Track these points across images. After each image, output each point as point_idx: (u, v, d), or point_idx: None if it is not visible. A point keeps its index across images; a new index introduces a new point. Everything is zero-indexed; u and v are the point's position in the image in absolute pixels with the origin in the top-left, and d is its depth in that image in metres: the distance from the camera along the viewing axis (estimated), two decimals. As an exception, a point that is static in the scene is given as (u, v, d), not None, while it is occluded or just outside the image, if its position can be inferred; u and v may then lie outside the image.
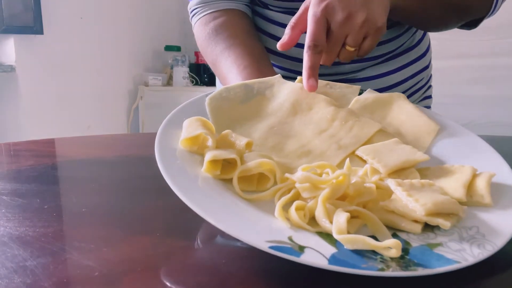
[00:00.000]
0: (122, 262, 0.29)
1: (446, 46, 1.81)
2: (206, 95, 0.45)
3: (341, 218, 0.29)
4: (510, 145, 0.74)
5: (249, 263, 0.30)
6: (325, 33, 0.50)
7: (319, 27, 0.49)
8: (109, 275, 0.27)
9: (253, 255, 0.30)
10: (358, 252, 0.28)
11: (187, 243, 0.33)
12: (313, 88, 0.47)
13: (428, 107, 0.84)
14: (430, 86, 0.84)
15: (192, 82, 2.97)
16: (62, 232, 0.35)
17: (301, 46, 0.70)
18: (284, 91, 0.47)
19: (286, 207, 0.32)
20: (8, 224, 0.36)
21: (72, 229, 0.36)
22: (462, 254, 0.28)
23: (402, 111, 0.47)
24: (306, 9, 0.51)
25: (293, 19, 0.52)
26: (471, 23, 0.66)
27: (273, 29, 0.71)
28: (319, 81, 0.50)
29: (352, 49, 0.51)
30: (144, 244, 0.32)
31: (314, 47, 0.49)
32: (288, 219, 0.31)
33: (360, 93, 0.50)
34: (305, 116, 0.45)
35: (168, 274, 0.28)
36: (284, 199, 0.32)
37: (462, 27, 0.67)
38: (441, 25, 0.65)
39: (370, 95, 0.49)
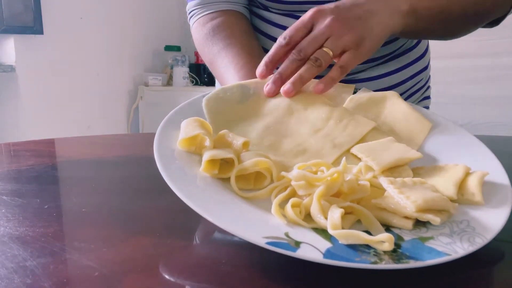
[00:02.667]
0: (122, 262, 0.29)
1: (446, 46, 1.80)
2: (203, 96, 0.46)
3: (335, 214, 0.30)
4: (510, 145, 0.75)
5: (249, 262, 0.30)
6: (303, 33, 0.49)
7: (298, 26, 0.48)
8: (109, 275, 0.27)
9: (252, 255, 0.30)
10: (352, 247, 0.29)
11: (187, 243, 0.33)
12: (262, 76, 0.48)
13: (427, 107, 0.85)
14: (429, 87, 0.84)
15: (192, 82, 2.97)
16: (62, 232, 0.35)
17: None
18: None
19: (282, 204, 0.33)
20: (8, 224, 0.36)
21: (72, 229, 0.36)
22: (453, 247, 0.29)
23: (395, 109, 0.48)
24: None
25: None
26: (492, 22, 0.64)
27: (272, 30, 0.71)
28: (314, 81, 0.50)
29: (330, 52, 0.48)
30: (144, 244, 0.32)
31: (283, 39, 0.48)
32: (284, 216, 0.31)
33: (354, 92, 0.51)
34: (301, 115, 0.45)
35: (168, 274, 0.28)
36: (280, 196, 0.33)
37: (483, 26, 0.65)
38: (460, 35, 0.63)
39: (364, 94, 0.50)
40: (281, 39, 0.49)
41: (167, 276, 0.28)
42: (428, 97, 0.84)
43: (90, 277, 0.27)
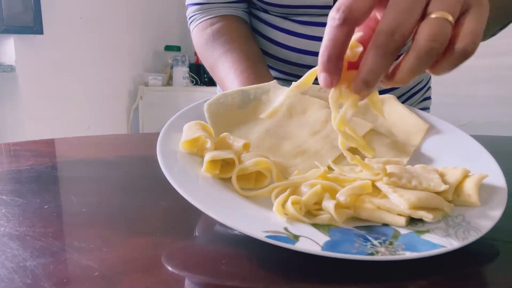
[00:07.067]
0: (122, 262, 0.29)
1: (446, 46, 1.81)
2: (205, 101, 0.46)
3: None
4: (510, 145, 0.75)
5: (249, 263, 0.30)
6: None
7: None
8: (109, 275, 0.27)
9: (253, 254, 0.30)
10: (350, 240, 0.29)
11: (187, 243, 0.33)
12: (327, 83, 0.31)
13: (427, 108, 0.85)
14: (429, 88, 0.84)
15: (192, 82, 2.97)
16: (62, 232, 0.35)
17: (298, 50, 0.71)
18: (279, 96, 0.48)
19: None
20: (8, 224, 0.36)
21: (72, 229, 0.36)
22: (448, 240, 0.29)
23: (393, 111, 0.49)
24: None
25: None
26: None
27: (272, 33, 0.72)
28: (313, 86, 0.50)
29: (450, 18, 0.28)
30: (144, 244, 0.32)
31: (337, 12, 0.29)
32: (285, 214, 0.32)
33: None
34: (300, 118, 0.46)
35: (168, 274, 0.28)
36: (283, 196, 0.33)
37: None
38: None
39: None
40: (332, 14, 0.30)
41: (167, 276, 0.28)
42: (428, 98, 0.85)
43: (90, 277, 0.27)
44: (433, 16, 0.28)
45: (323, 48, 0.30)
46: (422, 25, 0.28)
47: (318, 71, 0.32)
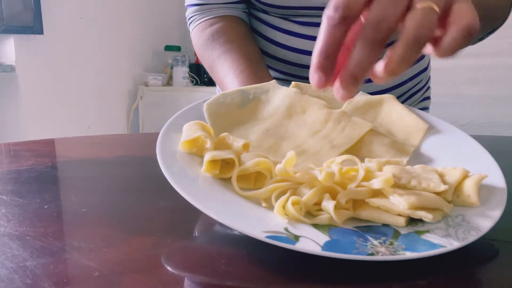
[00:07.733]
0: (122, 262, 0.29)
1: (446, 46, 1.80)
2: (204, 101, 0.46)
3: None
4: (510, 145, 0.75)
5: (250, 263, 0.30)
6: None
7: None
8: (109, 275, 0.27)
9: (253, 255, 0.30)
10: (350, 240, 0.29)
11: (187, 243, 0.33)
12: (321, 84, 0.31)
13: (427, 108, 0.85)
14: (429, 87, 0.84)
15: (192, 82, 2.97)
16: (62, 232, 0.35)
17: (298, 51, 0.71)
18: (279, 96, 0.48)
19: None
20: (8, 224, 0.36)
21: (72, 229, 0.36)
22: (448, 240, 0.29)
23: (392, 111, 0.49)
24: None
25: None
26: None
27: (271, 33, 0.72)
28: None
29: (436, 8, 0.29)
30: (144, 244, 0.32)
31: (334, 12, 0.30)
32: (285, 215, 0.32)
33: None
34: (300, 118, 0.46)
35: (168, 274, 0.28)
36: (284, 198, 0.33)
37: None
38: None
39: (361, 97, 0.50)
40: (331, 13, 0.30)
41: (167, 276, 0.28)
42: (428, 98, 0.85)
43: (90, 277, 0.27)
44: (418, 6, 0.29)
45: (322, 48, 0.31)
46: (408, 15, 0.29)
47: (311, 71, 0.32)
